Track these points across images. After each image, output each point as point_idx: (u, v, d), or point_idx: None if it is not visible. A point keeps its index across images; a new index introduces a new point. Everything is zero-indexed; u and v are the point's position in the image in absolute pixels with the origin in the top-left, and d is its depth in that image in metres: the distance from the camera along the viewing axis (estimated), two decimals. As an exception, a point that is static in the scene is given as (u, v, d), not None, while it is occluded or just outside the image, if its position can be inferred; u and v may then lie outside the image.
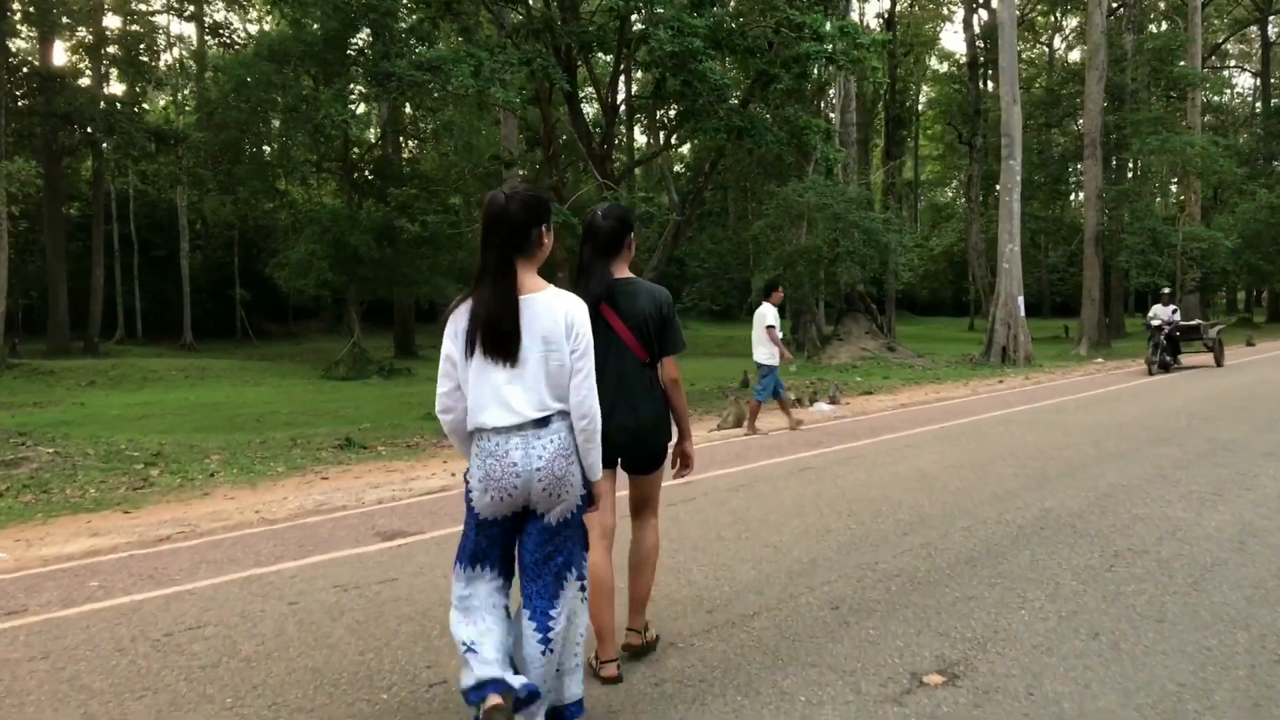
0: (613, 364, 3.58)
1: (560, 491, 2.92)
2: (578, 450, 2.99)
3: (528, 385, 2.89)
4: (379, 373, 28.10)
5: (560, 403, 2.95)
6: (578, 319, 2.97)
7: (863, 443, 10.08)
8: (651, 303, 3.65)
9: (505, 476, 2.86)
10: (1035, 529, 5.80)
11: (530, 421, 2.88)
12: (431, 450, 12.31)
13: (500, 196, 2.94)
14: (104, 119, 29.27)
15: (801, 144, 17.10)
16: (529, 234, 2.95)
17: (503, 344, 2.87)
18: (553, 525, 2.97)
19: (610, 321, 3.61)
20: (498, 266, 2.90)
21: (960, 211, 54.35)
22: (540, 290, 2.97)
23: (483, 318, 2.89)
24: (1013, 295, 23.22)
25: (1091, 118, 32.00)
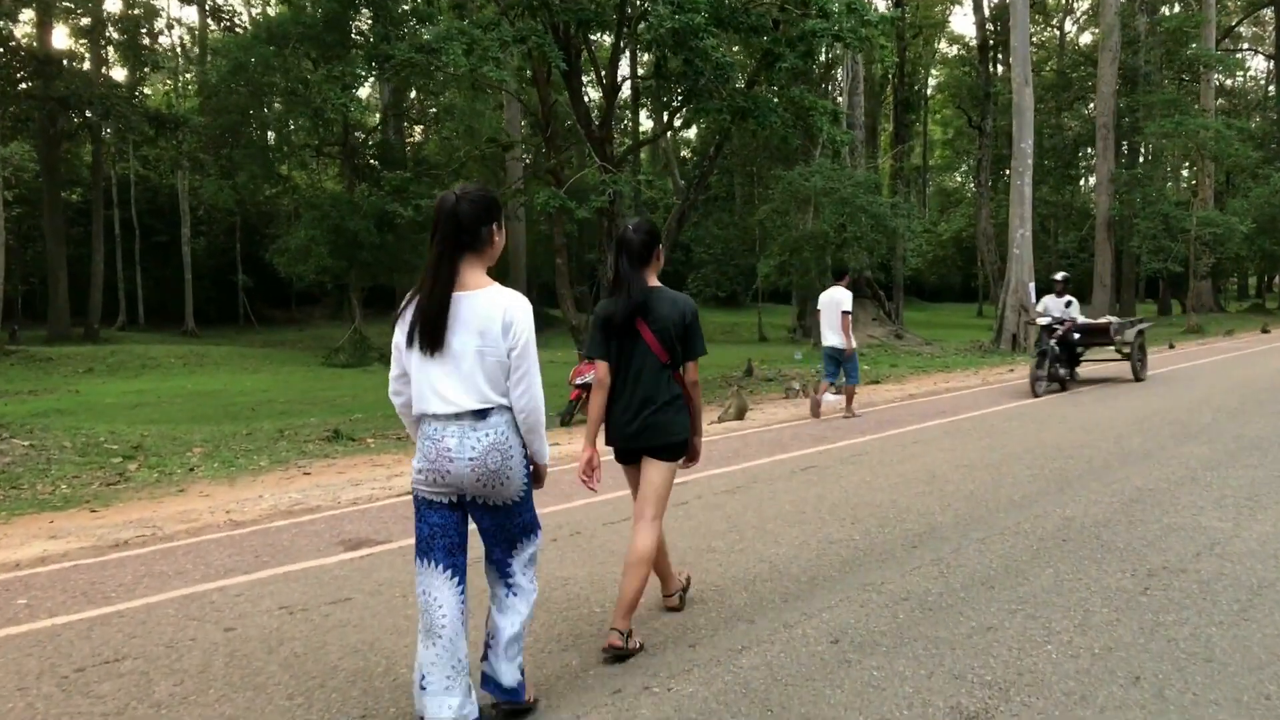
0: (636, 363, 3.87)
1: (494, 483, 3.03)
2: (523, 442, 3.12)
3: (463, 377, 2.98)
4: (380, 360, 27.61)
5: (502, 397, 3.04)
6: (517, 318, 3.03)
7: (868, 438, 9.51)
8: (676, 311, 3.88)
9: (439, 460, 2.99)
10: (1057, 542, 5.23)
11: (469, 412, 2.99)
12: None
13: (451, 196, 3.03)
14: (101, 103, 28.71)
15: (807, 126, 16.47)
16: (478, 232, 3.04)
17: (428, 336, 2.96)
18: (499, 507, 3.11)
19: (639, 328, 3.86)
20: (440, 263, 2.99)
21: (969, 196, 53.58)
22: (484, 287, 3.05)
23: (419, 309, 2.99)
24: (1024, 281, 22.58)
25: (1104, 100, 31.26)
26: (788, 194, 23.61)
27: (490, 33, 13.44)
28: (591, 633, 4.07)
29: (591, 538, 5.74)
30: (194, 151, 32.94)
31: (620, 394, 3.88)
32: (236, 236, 37.16)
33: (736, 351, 29.77)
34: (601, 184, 14.50)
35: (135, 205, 36.38)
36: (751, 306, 44.83)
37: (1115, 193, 31.35)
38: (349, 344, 28.39)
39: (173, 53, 37.69)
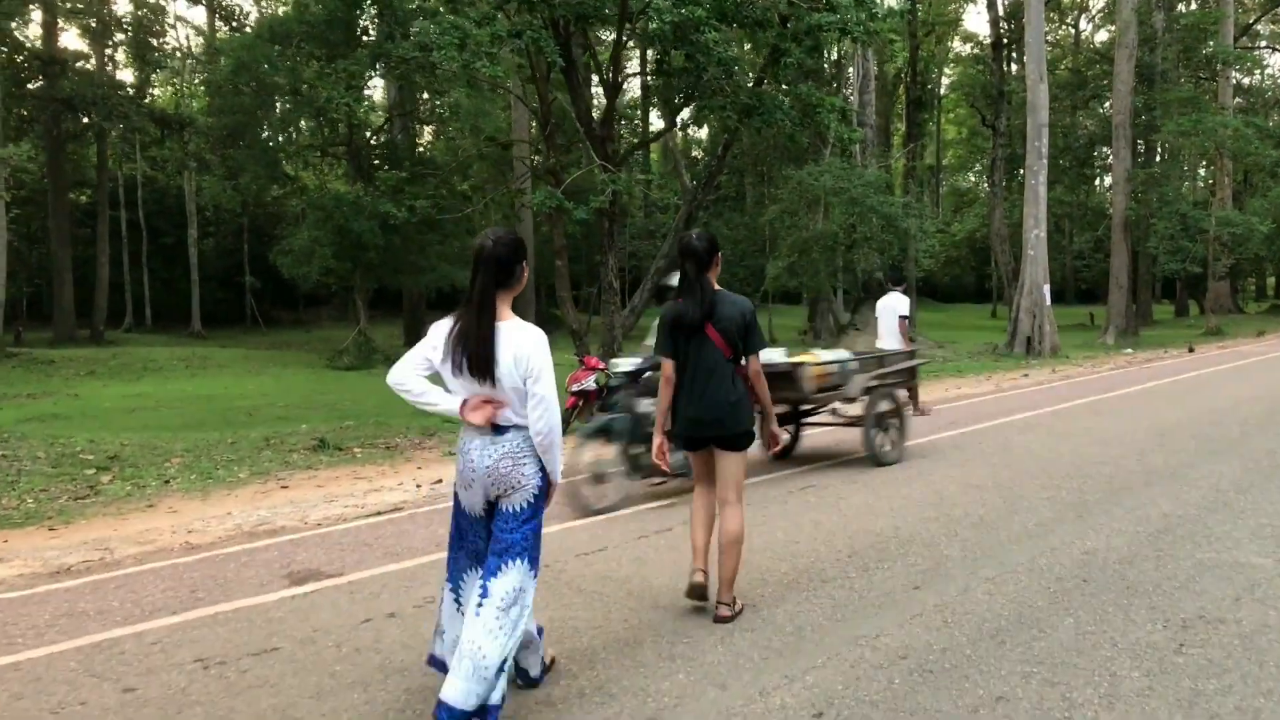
0: (704, 358, 4.26)
1: (506, 486, 3.34)
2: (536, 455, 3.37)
3: (495, 399, 3.31)
4: (384, 362, 27.14)
5: (519, 418, 3.34)
6: (532, 352, 3.28)
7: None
8: (737, 311, 4.29)
9: (466, 469, 3.38)
10: (1077, 582, 4.63)
11: (491, 427, 3.32)
12: (409, 452, 11.31)
13: (488, 241, 3.32)
14: (105, 103, 28.35)
15: (815, 123, 15.87)
16: (512, 270, 3.36)
17: (483, 367, 3.24)
18: (507, 512, 3.36)
19: (706, 328, 4.24)
20: (482, 298, 3.28)
21: (983, 196, 52.79)
22: (507, 320, 3.33)
23: (468, 344, 3.25)
24: (1038, 283, 21.90)
25: (1120, 98, 30.47)
26: (797, 194, 23.00)
27: (484, 28, 12.92)
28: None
29: (560, 571, 5.17)
30: (200, 152, 32.56)
31: (689, 388, 4.30)
32: (244, 238, 36.76)
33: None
34: (601, 184, 13.95)
35: (143, 206, 36.04)
36: (761, 308, 44.18)
37: (1132, 192, 30.55)
38: (353, 346, 27.92)
39: (179, 53, 37.29)
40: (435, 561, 5.45)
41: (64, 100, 28.52)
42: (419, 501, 7.76)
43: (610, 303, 15.70)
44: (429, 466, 10.12)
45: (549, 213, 14.52)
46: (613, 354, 16.00)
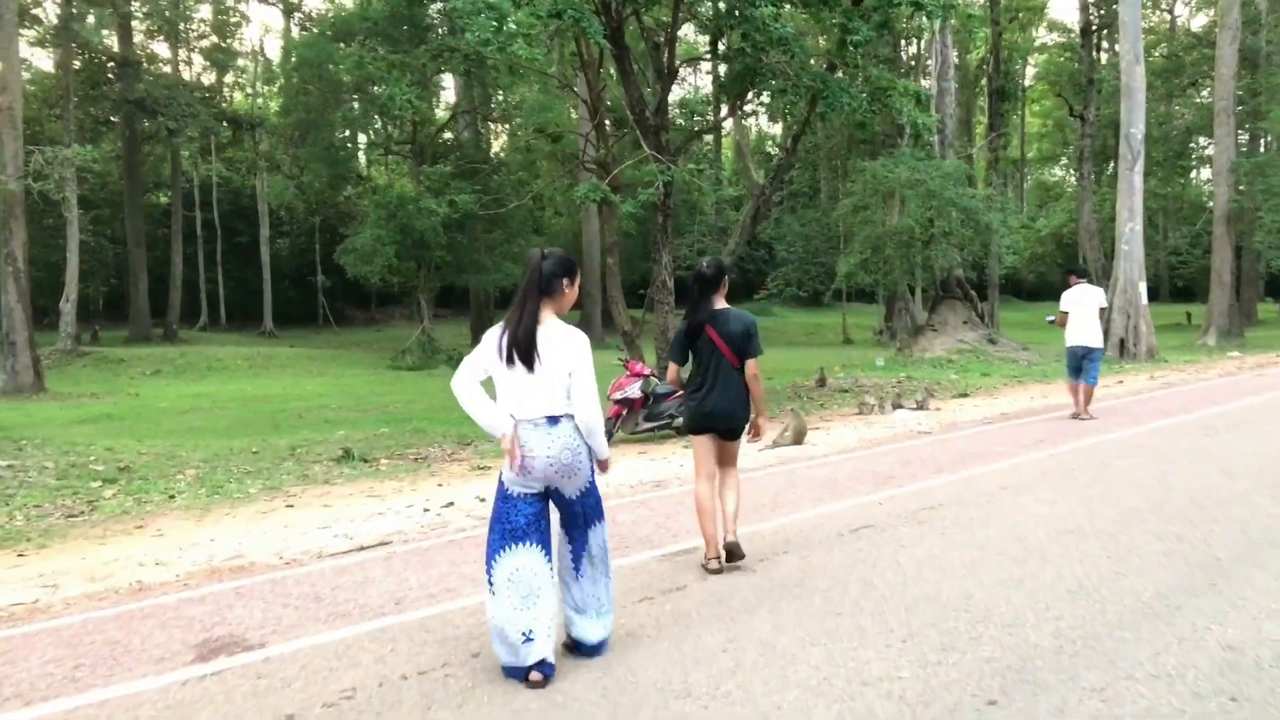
0: (716, 365, 5.09)
1: (568, 472, 3.74)
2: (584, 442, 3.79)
3: (543, 391, 3.69)
4: (447, 362, 26.39)
5: (566, 408, 3.74)
6: (571, 347, 3.72)
7: (943, 479, 7.54)
8: (740, 324, 5.10)
9: (525, 459, 3.67)
10: (1222, 702, 3.27)
11: (545, 418, 3.70)
12: (436, 465, 10.34)
13: (538, 254, 3.80)
14: (176, 105, 28.16)
15: (885, 107, 14.42)
16: (555, 284, 3.77)
17: (523, 355, 3.64)
18: (573, 496, 3.83)
19: (713, 338, 5.08)
20: (525, 300, 3.71)
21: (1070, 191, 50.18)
22: (551, 323, 3.74)
23: (515, 338, 3.66)
24: (1133, 281, 20.00)
25: (1223, 83, 28.10)
26: (870, 187, 21.44)
27: (523, 8, 11.84)
28: None
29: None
30: (271, 152, 32.31)
31: (700, 386, 5.11)
32: (316, 237, 36.48)
33: (815, 356, 27.66)
34: (650, 175, 12.76)
35: (218, 207, 36.04)
36: (835, 306, 42.46)
37: (1235, 183, 28.14)
38: (416, 346, 27.24)
39: (253, 54, 37.19)
40: (379, 630, 4.37)
41: (137, 102, 28.43)
42: (413, 534, 6.70)
43: (663, 303, 14.49)
44: (450, 484, 9.11)
45: (594, 207, 13.40)
46: (667, 358, 14.79)
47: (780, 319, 40.86)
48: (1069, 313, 11.07)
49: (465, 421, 14.77)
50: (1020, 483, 7.23)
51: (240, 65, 36.43)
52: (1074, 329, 10.99)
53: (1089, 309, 10.91)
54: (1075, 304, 10.99)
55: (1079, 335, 10.93)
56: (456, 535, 6.46)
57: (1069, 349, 11.09)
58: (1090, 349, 10.87)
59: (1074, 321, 10.98)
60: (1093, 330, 10.89)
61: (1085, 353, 10.90)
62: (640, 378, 11.60)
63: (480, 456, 10.91)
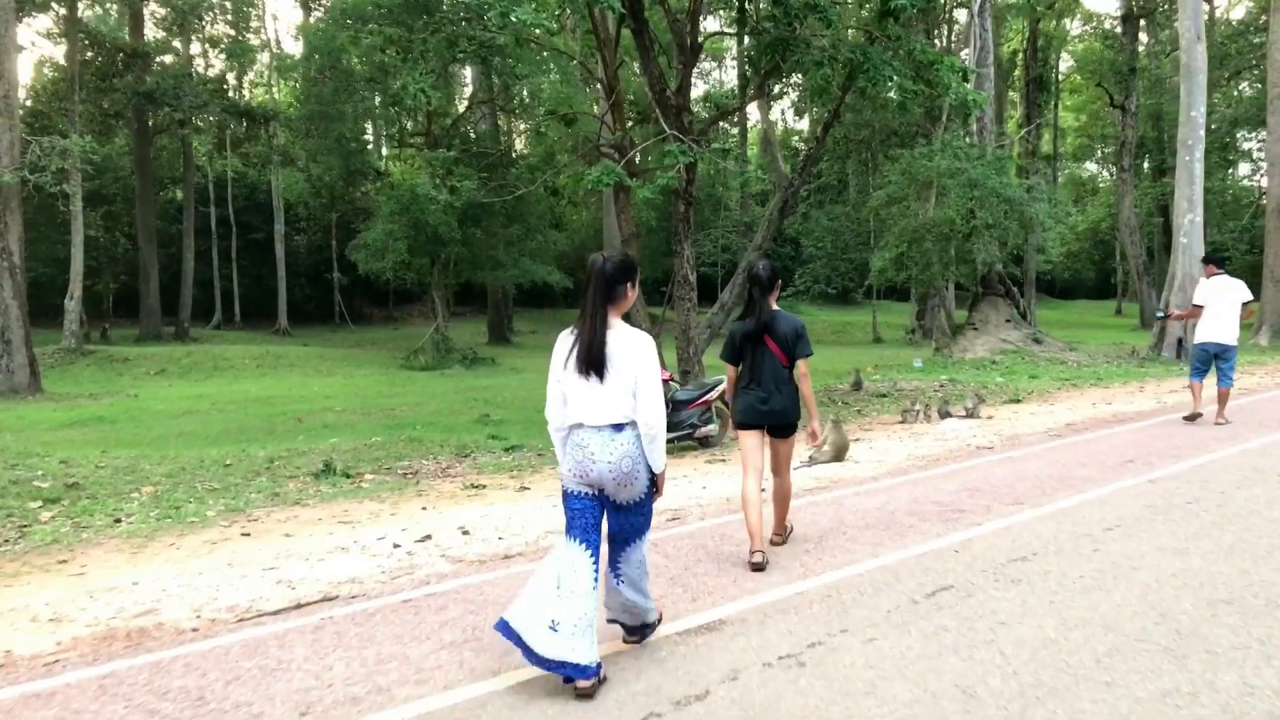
0: (766, 365, 5.18)
1: (626, 481, 3.67)
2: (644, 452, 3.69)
3: (610, 398, 3.63)
4: (461, 361, 25.10)
5: (632, 414, 3.66)
6: (638, 353, 3.66)
7: (1026, 514, 6.05)
8: (789, 326, 5.19)
9: (585, 461, 3.65)
10: None
11: (609, 425, 3.64)
12: (426, 483, 9.00)
13: (600, 259, 3.74)
14: (186, 96, 27.01)
15: (929, 84, 12.92)
16: (617, 289, 3.74)
17: (594, 366, 3.61)
18: (625, 506, 3.74)
19: (765, 339, 5.17)
20: (594, 310, 3.67)
21: (1104, 186, 48.25)
22: (618, 329, 3.69)
23: (582, 347, 3.64)
24: (1192, 276, 18.29)
25: (1277, 69, 26.19)
26: (906, 177, 19.89)
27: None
28: None
29: None
30: (285, 146, 31.12)
31: (750, 384, 5.23)
32: (333, 234, 35.24)
33: (847, 356, 26.12)
34: (671, 156, 11.33)
35: (233, 203, 34.90)
36: (865, 304, 40.79)
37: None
38: (430, 345, 25.95)
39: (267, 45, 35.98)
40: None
41: (146, 94, 27.31)
42: (370, 583, 5.33)
43: (685, 299, 13.05)
44: (436, 507, 7.77)
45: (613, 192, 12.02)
46: (689, 358, 13.34)
47: (808, 317, 39.27)
48: (1203, 306, 9.98)
49: (467, 429, 13.40)
50: (1127, 520, 5.74)
51: (255, 58, 35.19)
52: (1209, 324, 9.91)
53: (1228, 303, 9.84)
54: (1213, 296, 9.93)
55: (1214, 331, 9.88)
56: (419, 590, 5.06)
57: (1199, 345, 10.08)
58: (1225, 346, 9.89)
59: (1209, 316, 9.91)
60: (1230, 327, 9.84)
61: (1219, 351, 9.93)
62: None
63: (478, 471, 9.56)
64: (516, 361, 26.48)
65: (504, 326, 32.66)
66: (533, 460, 10.13)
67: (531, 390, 19.32)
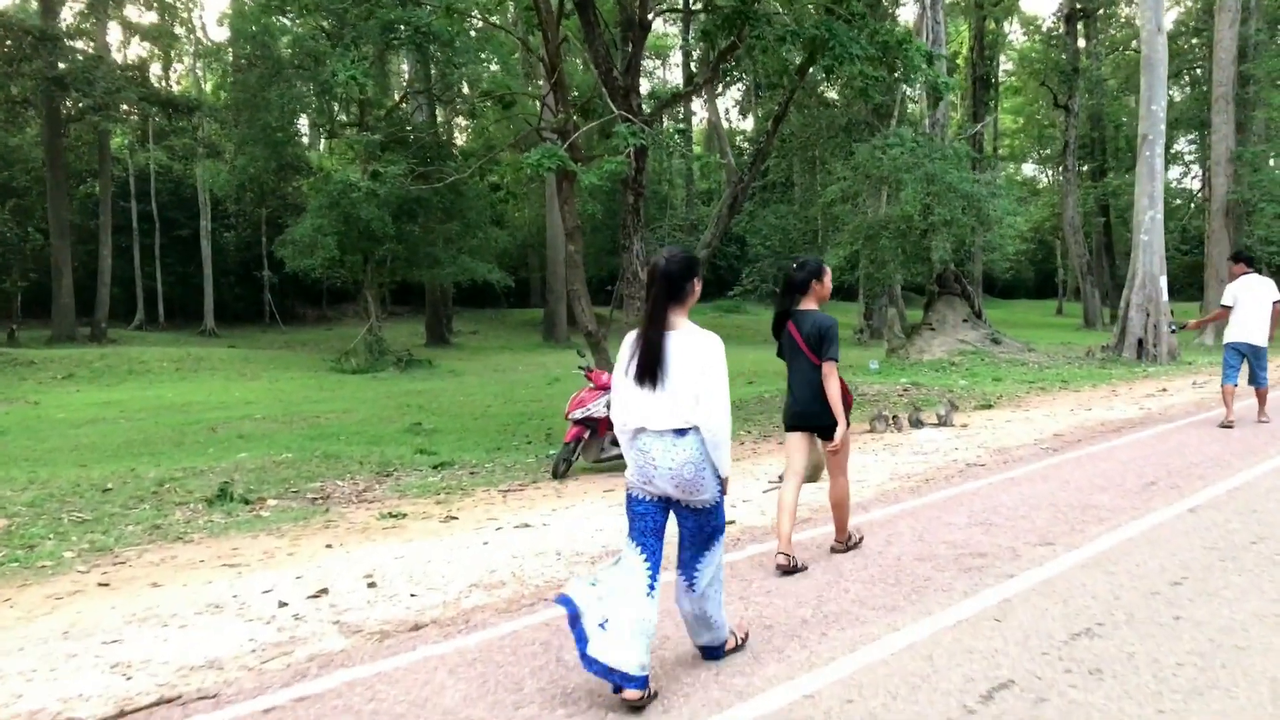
0: (799, 365, 5.04)
1: (690, 488, 3.45)
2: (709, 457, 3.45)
3: (671, 403, 3.43)
4: (395, 364, 23.50)
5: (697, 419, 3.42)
6: (703, 356, 3.43)
7: (1064, 560, 4.85)
8: (813, 328, 4.97)
9: (646, 468, 3.47)
10: None
11: (671, 431, 3.44)
12: (337, 512, 7.63)
13: (662, 260, 3.55)
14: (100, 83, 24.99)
15: (892, 68, 11.84)
16: (684, 286, 3.55)
17: (651, 372, 3.43)
18: (696, 509, 3.52)
19: (795, 338, 5.03)
20: (655, 312, 3.48)
21: (1046, 186, 48.14)
22: (683, 329, 3.50)
23: (645, 358, 3.45)
24: (1153, 274, 17.57)
25: (1222, 68, 25.86)
26: (860, 172, 18.84)
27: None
28: None
29: None
30: (210, 138, 29.14)
31: (794, 389, 5.08)
32: (263, 230, 33.26)
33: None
34: (620, 139, 10.04)
35: (156, 197, 32.74)
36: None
37: (1236, 173, 25.90)
38: (362, 347, 24.30)
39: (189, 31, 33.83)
40: None
41: (55, 79, 25.23)
42: (231, 671, 3.98)
43: (634, 297, 11.77)
44: (343, 544, 6.43)
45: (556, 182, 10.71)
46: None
47: (754, 317, 38.26)
48: (1232, 306, 9.48)
49: (395, 440, 11.96)
50: (1194, 571, 4.57)
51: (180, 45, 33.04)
52: (1239, 324, 9.43)
53: (1258, 302, 9.38)
54: (1243, 296, 9.44)
55: (1245, 331, 9.40)
56: (291, 689, 3.70)
57: (1230, 346, 9.56)
58: (1257, 347, 9.45)
59: (1239, 316, 9.42)
60: (1261, 326, 9.37)
61: (1251, 351, 9.51)
62: (607, 391, 8.89)
63: (399, 495, 8.19)
64: (455, 364, 24.94)
65: (443, 327, 31.05)
66: (464, 480, 8.78)
67: (470, 395, 17.89)
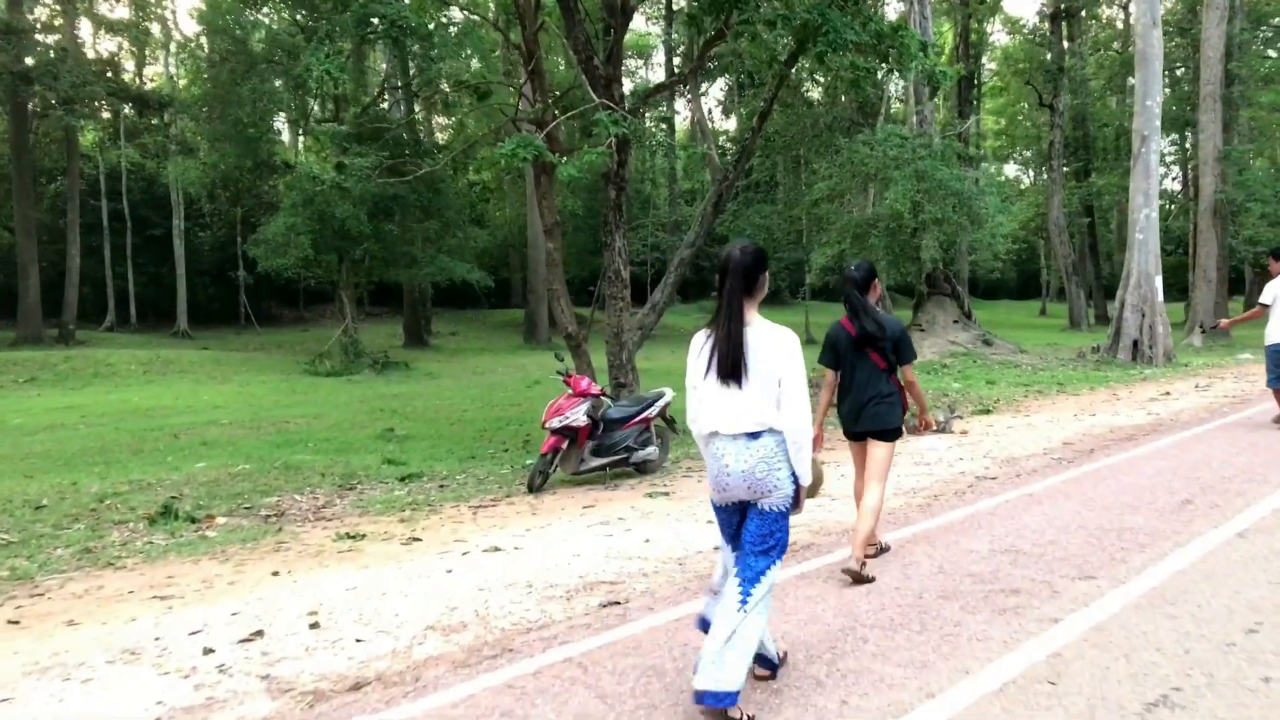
0: (863, 371, 4.83)
1: (763, 487, 3.23)
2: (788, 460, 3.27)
3: (748, 404, 3.24)
4: (371, 366, 22.70)
5: (773, 420, 3.24)
6: (780, 353, 3.24)
7: (1110, 600, 4.17)
8: (889, 331, 4.77)
9: (720, 473, 3.31)
10: None
11: (744, 434, 3.25)
12: (292, 528, 6.94)
13: (735, 249, 3.32)
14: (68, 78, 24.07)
15: (884, 58, 11.19)
16: (756, 279, 3.33)
17: (733, 372, 3.23)
18: (765, 512, 3.27)
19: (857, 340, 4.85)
20: (730, 307, 3.25)
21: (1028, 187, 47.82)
22: (757, 325, 3.30)
23: (724, 353, 3.24)
24: (1148, 274, 17.01)
25: (1210, 66, 25.38)
26: (847, 170, 18.20)
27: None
28: None
29: None
30: (182, 135, 28.21)
31: (849, 392, 4.89)
32: (238, 230, 32.33)
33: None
34: (601, 129, 9.34)
35: (129, 196, 31.76)
36: (797, 304, 39.31)
37: (1223, 173, 25.45)
38: (337, 349, 23.47)
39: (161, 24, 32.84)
40: None
41: (20, 74, 24.29)
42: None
43: (616, 297, 11.07)
44: (292, 571, 5.76)
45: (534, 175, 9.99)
46: (622, 365, 11.35)
47: (737, 318, 37.55)
48: (1270, 305, 9.15)
49: (364, 448, 11.20)
50: (1266, 614, 3.89)
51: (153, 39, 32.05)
52: (1278, 324, 9.13)
53: None
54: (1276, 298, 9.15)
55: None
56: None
57: (1271, 348, 9.23)
58: None
59: (1277, 315, 9.13)
60: None
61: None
62: (586, 398, 8.18)
63: (361, 511, 7.47)
64: (433, 366, 24.14)
65: (421, 328, 30.21)
66: (432, 494, 8.05)
67: (446, 399, 17.13)
